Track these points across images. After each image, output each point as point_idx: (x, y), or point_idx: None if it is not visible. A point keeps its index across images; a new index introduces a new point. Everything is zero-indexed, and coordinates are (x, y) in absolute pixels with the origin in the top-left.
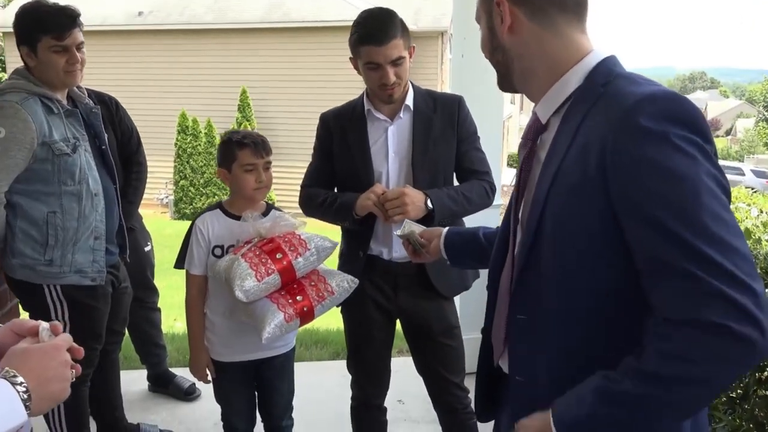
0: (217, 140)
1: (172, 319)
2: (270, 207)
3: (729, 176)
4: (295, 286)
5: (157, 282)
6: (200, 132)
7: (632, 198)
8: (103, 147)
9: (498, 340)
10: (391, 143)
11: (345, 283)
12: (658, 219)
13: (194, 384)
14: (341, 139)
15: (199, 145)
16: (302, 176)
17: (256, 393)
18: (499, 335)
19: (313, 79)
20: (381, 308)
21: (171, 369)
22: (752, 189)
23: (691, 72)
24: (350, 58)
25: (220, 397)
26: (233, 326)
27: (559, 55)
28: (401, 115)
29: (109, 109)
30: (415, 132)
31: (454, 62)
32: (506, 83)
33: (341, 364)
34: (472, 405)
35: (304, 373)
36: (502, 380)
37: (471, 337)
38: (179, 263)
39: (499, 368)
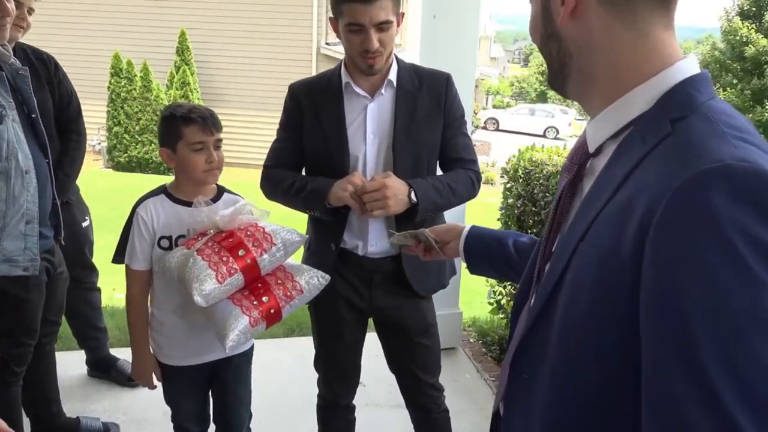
0: (155, 85)
1: (111, 289)
2: (222, 190)
3: None
4: (259, 285)
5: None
6: (135, 75)
7: (662, 294)
8: (33, 115)
9: (503, 377)
10: (370, 123)
11: (315, 280)
12: (684, 334)
13: None
14: (313, 116)
15: (134, 89)
16: (244, 125)
17: (209, 392)
18: (504, 372)
19: (257, 22)
20: (353, 307)
21: (112, 352)
22: None
23: None
24: (330, 19)
25: (169, 400)
26: (185, 325)
27: (630, 59)
28: (383, 91)
29: (48, 68)
30: (397, 111)
31: (424, 24)
32: (557, 82)
33: (297, 342)
34: (446, 403)
35: (259, 352)
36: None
37: (444, 313)
38: (118, 256)
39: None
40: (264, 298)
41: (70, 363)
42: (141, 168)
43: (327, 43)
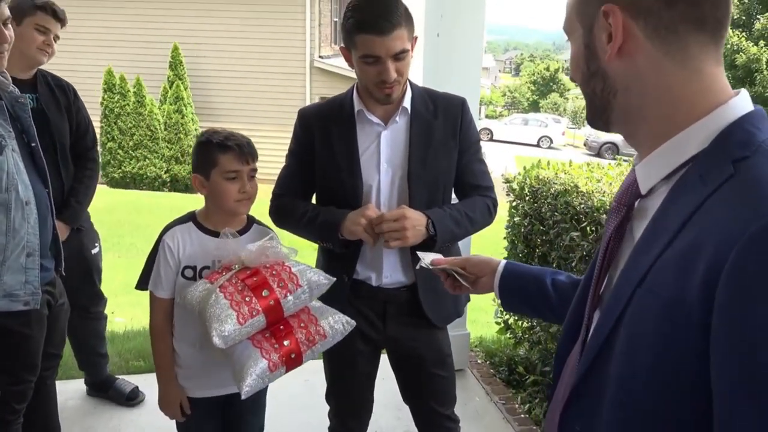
0: (148, 100)
1: (110, 312)
2: (251, 221)
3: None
4: (281, 326)
5: None
6: (128, 91)
7: (737, 348)
8: (33, 144)
9: (550, 428)
10: (384, 151)
11: (339, 325)
12: (762, 388)
13: (137, 387)
14: (325, 143)
15: (128, 104)
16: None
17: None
18: (552, 425)
19: (250, 36)
20: (367, 339)
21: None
22: None
23: None
24: (341, 48)
25: (184, 429)
26: (203, 358)
27: (684, 98)
28: (397, 118)
29: (67, 96)
30: (412, 139)
31: (427, 42)
32: (600, 120)
33: (303, 367)
34: None
35: None
36: None
37: (452, 335)
38: (142, 284)
39: None
40: (285, 342)
41: (70, 393)
42: (135, 184)
43: (321, 57)
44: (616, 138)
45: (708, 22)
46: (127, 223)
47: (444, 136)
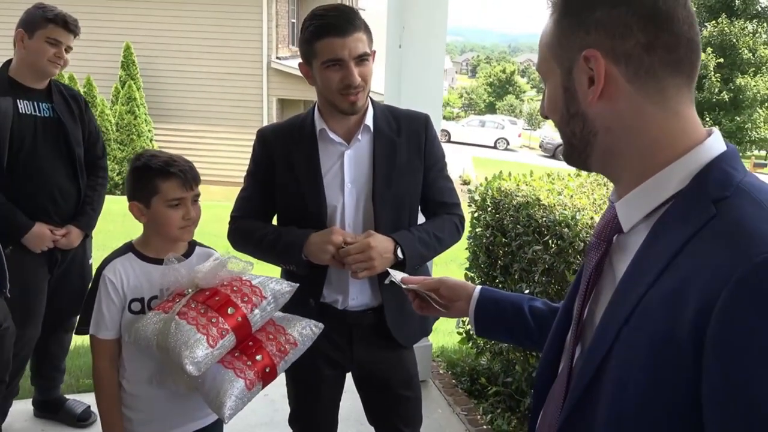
0: (99, 100)
1: None
2: (193, 244)
3: None
4: (250, 343)
5: None
6: (79, 91)
7: (729, 385)
8: None
9: None
10: (347, 171)
11: (308, 330)
12: (755, 421)
13: (90, 407)
14: (285, 164)
15: None
16: (193, 141)
17: None
18: None
19: (205, 36)
20: (333, 363)
21: (77, 397)
22: None
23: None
24: (300, 65)
25: None
26: (162, 396)
27: (663, 138)
28: (359, 137)
29: (79, 105)
30: (376, 158)
31: (389, 53)
32: (578, 159)
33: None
34: None
35: None
36: None
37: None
38: (82, 326)
39: None
40: (258, 357)
41: (15, 414)
42: None
43: (278, 58)
44: None
45: (684, 65)
46: None
47: (408, 154)
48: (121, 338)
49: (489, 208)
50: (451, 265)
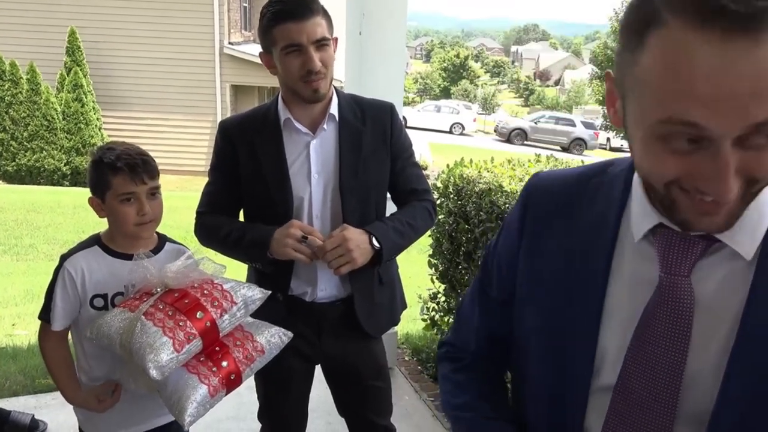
0: (43, 87)
1: (10, 324)
2: (163, 239)
3: (562, 127)
4: (217, 348)
5: None
6: (21, 78)
7: None
8: None
9: None
10: (314, 162)
11: (276, 338)
12: None
13: (34, 416)
14: (250, 156)
15: (20, 92)
16: (144, 129)
17: None
18: None
19: (154, 20)
20: (302, 356)
21: (17, 400)
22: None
23: (526, 24)
24: (261, 55)
25: None
26: (124, 394)
27: None
28: (325, 126)
29: None
30: (342, 148)
31: (349, 41)
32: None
33: None
34: None
35: None
36: None
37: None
38: (44, 314)
39: None
40: (223, 363)
41: None
42: (32, 177)
43: (230, 43)
44: (524, 124)
45: None
46: (25, 222)
47: (374, 143)
48: (70, 327)
49: (452, 195)
50: (412, 251)
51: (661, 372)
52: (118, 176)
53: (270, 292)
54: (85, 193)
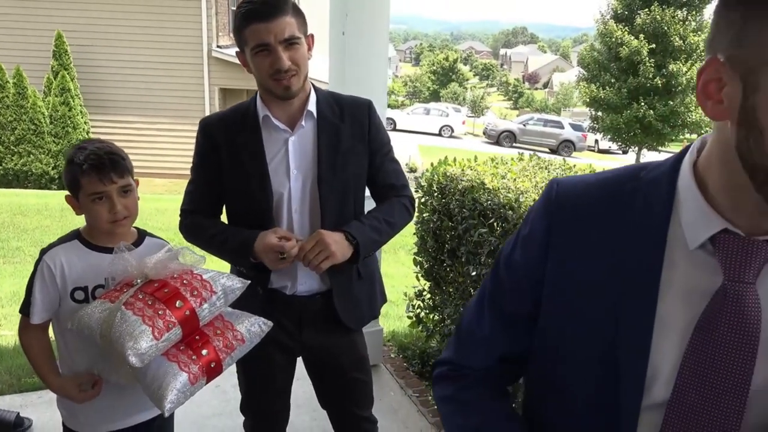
0: (30, 91)
1: None
2: (143, 234)
3: (550, 130)
4: (197, 337)
5: None
6: (7, 82)
7: None
8: None
9: None
10: (292, 158)
11: (256, 327)
12: None
13: (19, 413)
14: (230, 153)
15: (7, 97)
16: (133, 133)
17: None
18: None
19: (141, 24)
20: (283, 348)
21: (2, 399)
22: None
23: (514, 27)
24: (237, 54)
25: None
26: (104, 388)
27: None
28: (303, 123)
29: None
30: (320, 144)
31: (333, 41)
32: None
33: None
34: None
35: None
36: None
37: (365, 331)
38: (25, 307)
39: None
40: (203, 351)
41: None
42: (19, 182)
43: (219, 46)
44: (513, 127)
45: None
46: (12, 225)
47: (352, 140)
48: (51, 321)
49: (435, 193)
50: (399, 252)
51: (724, 385)
52: (86, 177)
53: (249, 281)
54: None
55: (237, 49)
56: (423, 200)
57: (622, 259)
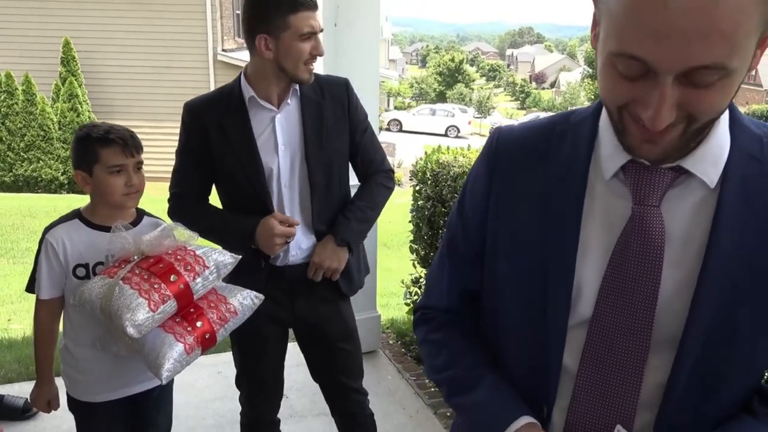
0: (39, 98)
1: (6, 319)
2: (141, 213)
3: None
4: (191, 309)
5: None
6: (16, 89)
7: None
8: None
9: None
10: (280, 134)
11: (249, 300)
12: None
13: (27, 399)
14: (218, 133)
15: (16, 103)
16: (140, 135)
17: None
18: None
19: (147, 30)
20: (276, 320)
21: (12, 386)
22: None
23: (520, 27)
24: (259, 37)
25: None
26: (106, 359)
27: None
28: (289, 101)
29: None
30: (305, 121)
31: (325, 32)
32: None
33: (215, 359)
34: (370, 406)
35: None
36: None
37: (363, 317)
38: (31, 286)
39: None
40: (198, 323)
41: None
42: (29, 187)
43: (224, 50)
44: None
45: None
46: (22, 227)
47: (334, 116)
48: (63, 297)
49: (429, 181)
50: (402, 248)
51: (635, 301)
52: (109, 148)
53: (240, 256)
54: (81, 199)
55: (261, 34)
56: (417, 188)
57: (550, 195)
